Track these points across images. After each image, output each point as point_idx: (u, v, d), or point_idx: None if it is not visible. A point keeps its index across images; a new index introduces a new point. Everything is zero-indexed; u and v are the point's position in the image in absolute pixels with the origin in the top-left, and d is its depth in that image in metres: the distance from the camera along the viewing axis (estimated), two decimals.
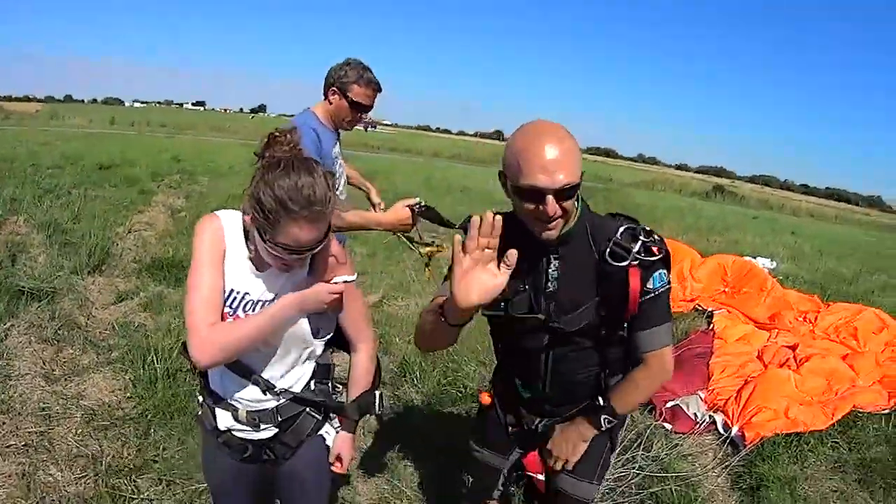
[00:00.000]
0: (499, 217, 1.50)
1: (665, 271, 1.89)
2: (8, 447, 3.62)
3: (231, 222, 1.89)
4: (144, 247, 8.21)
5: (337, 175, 3.70)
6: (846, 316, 6.67)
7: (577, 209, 1.90)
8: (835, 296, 8.54)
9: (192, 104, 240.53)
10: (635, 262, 1.85)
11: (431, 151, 44.26)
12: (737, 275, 7.76)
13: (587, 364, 2.08)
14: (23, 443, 3.68)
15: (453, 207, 13.65)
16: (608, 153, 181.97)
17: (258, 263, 1.89)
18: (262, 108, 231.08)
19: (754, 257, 10.14)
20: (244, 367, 1.96)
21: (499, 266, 1.54)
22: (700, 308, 7.17)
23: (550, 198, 1.73)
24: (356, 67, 3.48)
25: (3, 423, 3.82)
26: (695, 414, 4.67)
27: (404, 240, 3.16)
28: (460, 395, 4.73)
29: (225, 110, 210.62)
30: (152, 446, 3.79)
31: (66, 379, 4.43)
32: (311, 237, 1.72)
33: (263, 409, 2.03)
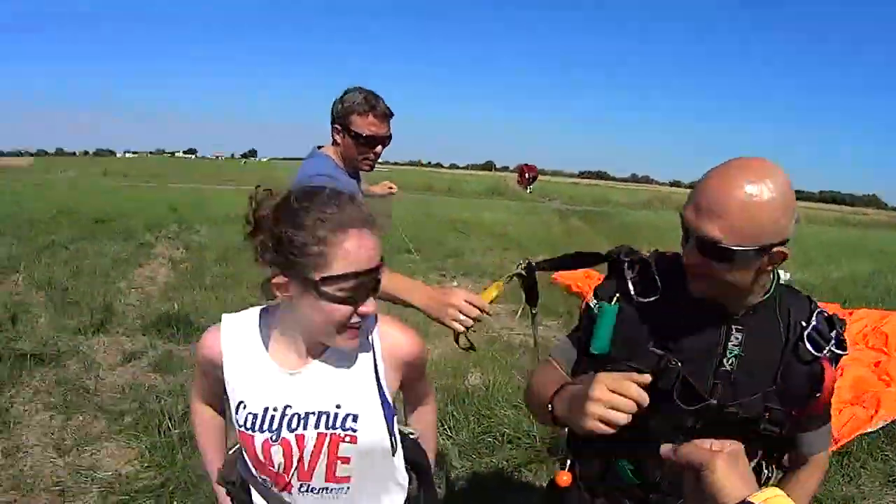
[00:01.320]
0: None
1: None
2: None
3: (236, 328, 1.58)
4: (148, 302, 8.10)
5: None
6: (872, 322, 6.69)
7: (770, 282, 1.62)
8: (854, 301, 8.58)
9: (184, 152, 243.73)
10: (828, 354, 1.57)
11: (425, 186, 44.26)
12: None
13: None
14: None
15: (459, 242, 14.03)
16: (600, 175, 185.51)
17: (290, 361, 1.54)
18: (252, 153, 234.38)
19: None
20: None
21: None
22: None
23: (693, 243, 1.47)
24: (353, 94, 2.92)
25: (15, 501, 3.64)
26: None
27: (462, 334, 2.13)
28: (497, 442, 4.54)
29: (216, 157, 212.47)
30: None
31: (77, 449, 4.26)
32: (374, 246, 1.40)
33: None
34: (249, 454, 1.54)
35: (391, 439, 1.59)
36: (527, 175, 42.38)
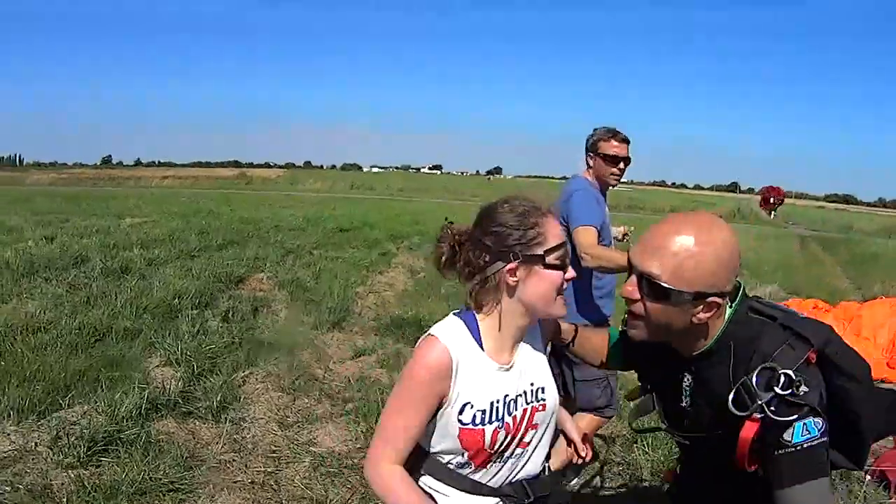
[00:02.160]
0: None
1: (815, 420, 1.60)
2: (235, 482, 3.92)
3: (454, 336, 1.77)
4: (384, 306, 8.69)
5: (612, 235, 4.24)
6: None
7: (722, 326, 1.72)
8: None
9: (429, 168, 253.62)
10: (759, 416, 1.61)
11: (671, 207, 43.16)
12: None
13: (719, 488, 1.85)
14: (250, 480, 3.96)
15: None
16: (847, 199, 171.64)
17: (503, 358, 1.82)
18: (497, 170, 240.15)
19: None
20: None
21: None
22: None
23: (633, 279, 1.68)
24: (599, 129, 4.05)
25: (234, 461, 4.16)
26: None
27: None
28: None
29: (461, 173, 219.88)
30: (376, 496, 3.86)
31: (298, 426, 4.72)
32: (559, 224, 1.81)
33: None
34: (474, 447, 1.76)
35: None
36: (772, 199, 40.25)
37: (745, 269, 14.24)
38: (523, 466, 1.87)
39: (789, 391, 1.59)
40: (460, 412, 1.74)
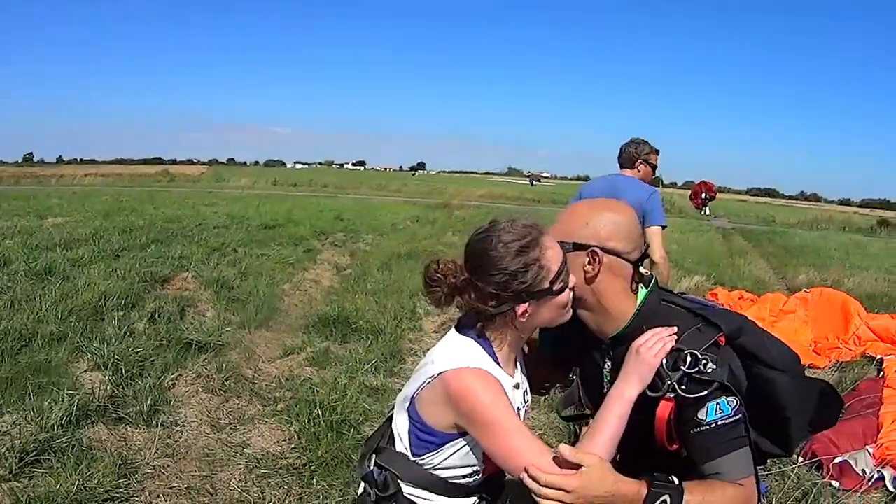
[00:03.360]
0: None
1: (728, 399, 1.73)
2: (171, 488, 3.94)
3: (482, 361, 1.81)
4: (311, 303, 8.72)
5: None
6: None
7: (634, 311, 1.88)
8: None
9: (353, 164, 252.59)
10: (671, 396, 1.75)
11: None
12: None
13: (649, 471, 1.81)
14: (185, 485, 3.99)
15: None
16: (769, 193, 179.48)
17: (510, 370, 1.91)
18: (421, 166, 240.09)
19: None
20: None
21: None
22: (869, 356, 7.12)
23: None
24: (641, 142, 5.11)
25: (168, 466, 4.18)
26: (863, 470, 4.55)
27: None
28: None
29: (385, 169, 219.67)
30: (314, 496, 3.98)
31: (231, 428, 4.77)
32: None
33: None
34: (491, 461, 1.82)
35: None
36: (703, 194, 37.84)
37: (669, 261, 14.61)
38: None
39: (696, 369, 1.73)
40: None
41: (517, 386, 1.91)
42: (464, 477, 1.90)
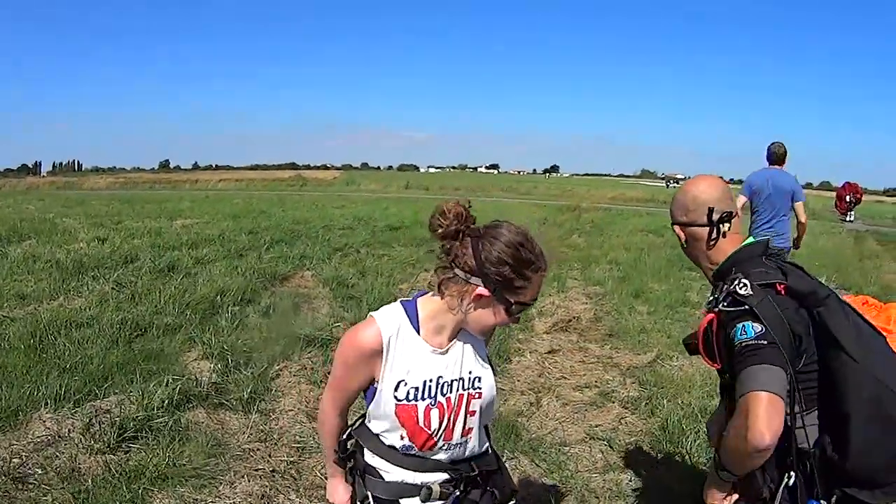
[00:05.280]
0: None
1: (750, 324, 1.92)
2: (257, 470, 4.06)
3: (390, 319, 1.94)
4: None
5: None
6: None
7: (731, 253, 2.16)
8: None
9: (486, 167, 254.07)
10: (715, 310, 2.03)
11: None
12: None
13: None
14: (271, 469, 4.10)
15: None
16: None
17: (438, 342, 1.97)
18: (554, 169, 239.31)
19: None
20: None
21: None
22: None
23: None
24: (779, 144, 7.23)
25: (258, 450, 4.31)
26: None
27: None
28: None
29: (518, 172, 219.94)
30: None
31: None
32: (541, 284, 1.91)
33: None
34: (409, 423, 1.92)
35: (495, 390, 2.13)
36: (848, 198, 32.50)
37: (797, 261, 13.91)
38: (469, 449, 2.06)
39: (734, 288, 1.98)
40: (395, 388, 1.90)
41: (445, 354, 1.96)
42: (386, 432, 1.96)
